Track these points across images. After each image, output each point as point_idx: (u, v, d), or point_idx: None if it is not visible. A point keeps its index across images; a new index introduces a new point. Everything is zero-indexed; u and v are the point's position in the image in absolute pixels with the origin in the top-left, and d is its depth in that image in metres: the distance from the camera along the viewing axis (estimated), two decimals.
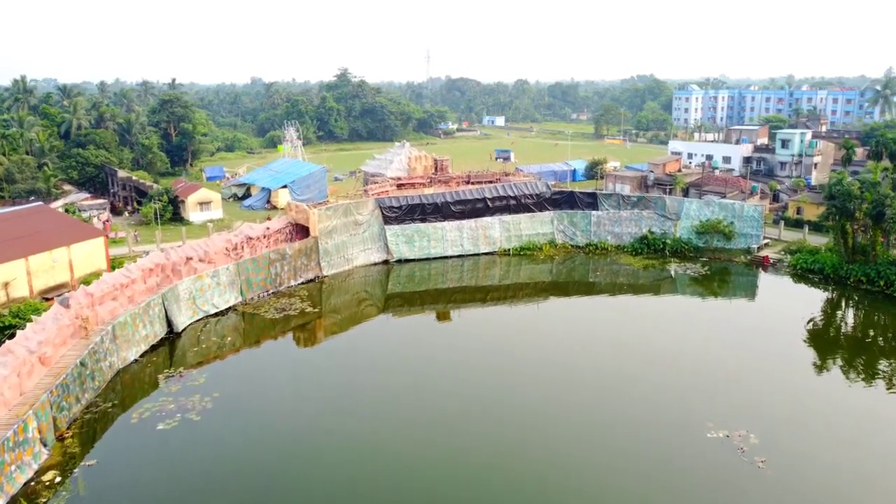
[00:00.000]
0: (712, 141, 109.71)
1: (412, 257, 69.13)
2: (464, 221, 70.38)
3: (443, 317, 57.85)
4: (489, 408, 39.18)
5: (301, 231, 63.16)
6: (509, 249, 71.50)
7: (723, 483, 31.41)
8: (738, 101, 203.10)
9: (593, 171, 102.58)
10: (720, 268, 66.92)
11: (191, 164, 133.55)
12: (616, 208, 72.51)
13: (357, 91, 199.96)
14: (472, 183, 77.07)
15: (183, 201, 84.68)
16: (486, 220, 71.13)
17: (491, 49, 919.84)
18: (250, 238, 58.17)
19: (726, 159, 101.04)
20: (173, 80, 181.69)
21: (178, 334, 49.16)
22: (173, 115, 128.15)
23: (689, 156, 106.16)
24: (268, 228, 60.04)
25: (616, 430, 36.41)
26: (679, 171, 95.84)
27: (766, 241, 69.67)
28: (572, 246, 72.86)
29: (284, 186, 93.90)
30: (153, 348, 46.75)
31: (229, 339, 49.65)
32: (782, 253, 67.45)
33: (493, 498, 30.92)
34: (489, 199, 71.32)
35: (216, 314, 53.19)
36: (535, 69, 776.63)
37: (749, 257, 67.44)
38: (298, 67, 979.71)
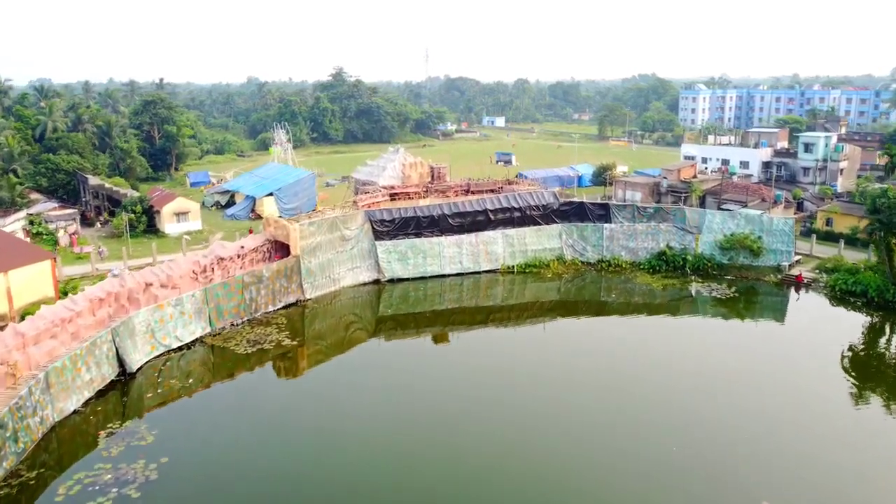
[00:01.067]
0: (727, 144, 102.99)
1: (406, 276, 62.50)
2: (463, 236, 63.73)
3: (440, 339, 52.27)
4: (490, 448, 34.48)
5: (281, 249, 56.48)
6: (513, 267, 64.87)
7: None
8: (746, 100, 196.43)
9: (601, 176, 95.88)
10: (747, 287, 60.29)
11: (175, 169, 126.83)
12: (631, 221, 65.86)
13: (352, 91, 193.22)
14: (473, 193, 70.41)
15: (158, 212, 77.96)
16: (488, 234, 64.49)
17: (490, 48, 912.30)
18: (222, 259, 51.47)
19: (744, 164, 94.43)
20: (161, 80, 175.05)
21: (133, 375, 42.43)
22: (156, 117, 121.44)
23: (704, 160, 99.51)
24: (242, 247, 53.32)
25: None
26: (694, 177, 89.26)
27: (797, 257, 63.00)
28: (582, 262, 66.22)
29: (270, 194, 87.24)
30: (100, 394, 40.00)
31: (192, 379, 42.89)
32: (816, 272, 60.82)
33: None
34: (491, 210, 64.65)
35: (180, 348, 46.50)
36: (534, 68, 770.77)
37: (780, 276, 60.78)
38: (296, 67, 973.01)
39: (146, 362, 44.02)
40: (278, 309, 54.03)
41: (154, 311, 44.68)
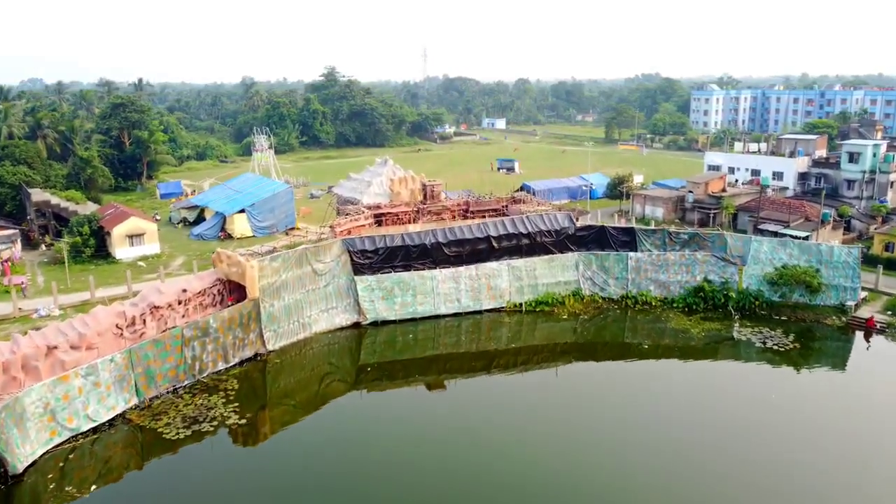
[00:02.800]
0: (755, 152, 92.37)
1: (392, 318, 51.90)
2: (461, 269, 53.15)
3: (434, 386, 43.99)
4: None
5: (237, 290, 45.84)
6: (521, 304, 54.31)
7: None
8: (761, 102, 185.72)
9: (617, 189, 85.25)
10: (803, 331, 49.72)
11: (149, 178, 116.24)
12: (661, 249, 55.27)
13: (345, 92, 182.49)
14: (472, 214, 59.82)
15: (109, 233, 67.34)
16: (492, 265, 53.91)
17: (490, 47, 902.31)
18: (157, 307, 40.81)
19: (777, 175, 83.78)
20: (140, 80, 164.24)
21: (20, 477, 31.83)
22: (126, 121, 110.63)
23: (731, 170, 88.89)
24: (184, 291, 42.63)
25: None
26: (723, 190, 78.67)
27: (862, 293, 52.48)
28: (603, 299, 55.63)
29: (242, 211, 76.64)
30: None
31: (95, 485, 32.23)
32: (889, 313, 50.25)
33: None
34: (494, 237, 54.03)
35: (95, 430, 35.89)
36: (534, 67, 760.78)
37: (845, 319, 50.20)
38: (292, 67, 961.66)
39: (43, 455, 33.39)
40: (231, 367, 43.43)
41: (55, 386, 34.05)
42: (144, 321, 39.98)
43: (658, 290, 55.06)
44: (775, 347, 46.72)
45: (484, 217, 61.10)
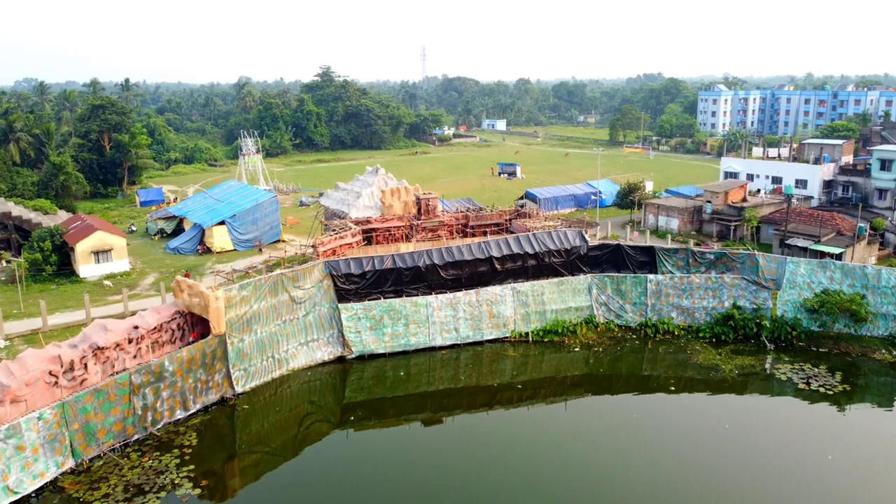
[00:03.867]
0: (774, 158, 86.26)
1: (381, 351, 45.81)
2: (459, 294, 47.06)
3: (430, 422, 39.33)
4: None
5: (202, 323, 39.74)
6: (527, 334, 48.23)
7: None
8: (770, 102, 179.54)
9: (629, 198, 79.16)
10: (849, 367, 43.59)
11: (132, 183, 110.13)
12: (684, 270, 49.20)
13: (340, 92, 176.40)
14: (472, 231, 53.78)
15: (73, 249, 61.25)
16: (494, 290, 47.83)
17: (489, 47, 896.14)
18: (101, 349, 34.69)
19: (801, 183, 77.73)
20: (126, 81, 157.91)
21: None
22: (106, 124, 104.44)
23: (750, 177, 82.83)
24: (136, 327, 36.51)
25: None
26: (744, 200, 72.60)
27: None
28: (619, 327, 49.55)
29: (222, 223, 70.54)
30: None
31: None
32: None
33: None
34: (497, 258, 47.95)
35: None
36: (535, 67, 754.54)
37: None
38: (291, 67, 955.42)
39: None
40: (192, 415, 37.35)
41: None
42: (86, 366, 33.84)
43: (681, 317, 48.98)
44: (822, 389, 40.58)
45: (485, 233, 55.16)
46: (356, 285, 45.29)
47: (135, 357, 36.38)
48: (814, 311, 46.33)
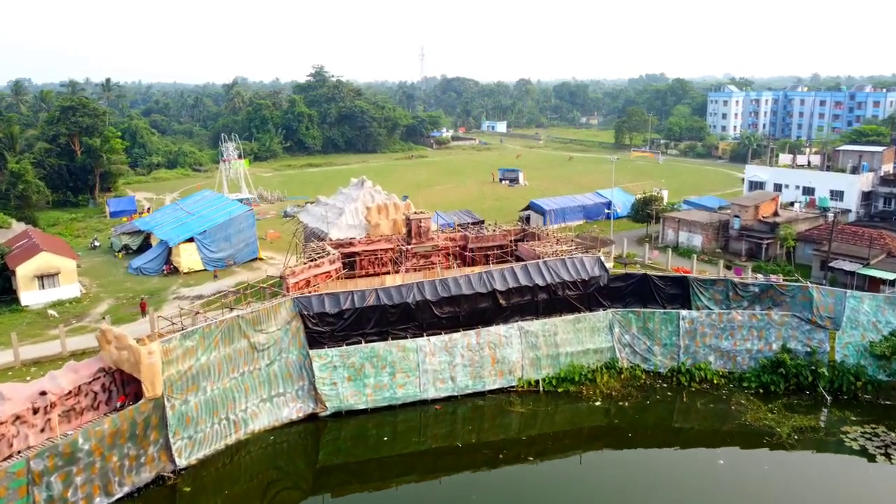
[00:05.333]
0: (802, 166, 78.54)
1: (362, 406, 38.01)
2: (457, 335, 39.31)
3: (423, 482, 34.14)
4: None
5: (135, 382, 31.90)
6: (538, 382, 40.45)
7: None
8: (782, 104, 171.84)
9: (645, 211, 71.37)
10: None
11: (106, 190, 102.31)
12: (722, 305, 41.47)
13: (333, 93, 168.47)
14: (472, 254, 46.00)
15: (13, 273, 53.45)
16: (498, 329, 40.08)
17: (488, 46, 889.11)
18: None
19: (836, 194, 70.01)
20: (107, 81, 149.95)
21: None
22: (76, 126, 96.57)
23: (777, 187, 75.12)
24: (43, 394, 28.66)
25: None
26: (775, 214, 64.86)
27: None
28: (647, 373, 41.77)
29: (191, 239, 62.75)
30: None
31: None
32: None
33: None
34: (501, 291, 40.19)
35: None
36: (535, 67, 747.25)
37: None
38: (288, 67, 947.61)
39: None
40: (118, 500, 29.53)
41: None
42: None
43: (720, 361, 41.20)
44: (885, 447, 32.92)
45: (487, 257, 47.36)
46: (332, 327, 37.50)
47: (42, 431, 28.57)
48: (882, 358, 38.60)
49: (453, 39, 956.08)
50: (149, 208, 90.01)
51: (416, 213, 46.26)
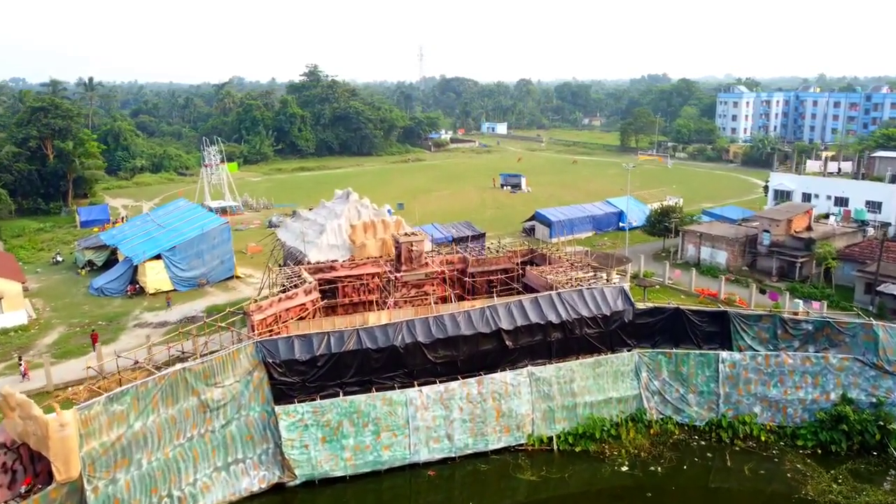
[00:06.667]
0: (832, 173, 72.04)
1: (339, 473, 31.40)
2: (454, 384, 32.76)
3: None
4: None
5: (42, 460, 25.27)
6: (551, 439, 33.88)
7: None
8: (794, 106, 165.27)
9: (662, 224, 64.83)
10: None
11: (81, 197, 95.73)
12: (769, 345, 34.95)
13: (327, 93, 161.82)
14: (472, 282, 39.43)
15: None
16: (504, 376, 33.53)
17: (488, 46, 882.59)
18: None
19: (873, 206, 63.51)
20: (90, 80, 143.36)
21: None
22: (48, 129, 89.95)
23: (806, 197, 68.63)
24: None
25: None
26: (808, 228, 58.36)
27: None
28: (680, 426, 35.20)
29: (158, 256, 56.19)
30: None
31: None
32: None
33: None
34: (508, 330, 33.64)
35: None
36: (535, 68, 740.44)
37: None
38: (286, 67, 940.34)
39: None
40: None
41: None
42: None
43: (768, 414, 34.68)
44: None
45: (490, 283, 40.78)
46: (303, 376, 30.92)
47: None
48: None
49: (452, 39, 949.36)
50: (124, 217, 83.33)
51: (407, 234, 39.54)
